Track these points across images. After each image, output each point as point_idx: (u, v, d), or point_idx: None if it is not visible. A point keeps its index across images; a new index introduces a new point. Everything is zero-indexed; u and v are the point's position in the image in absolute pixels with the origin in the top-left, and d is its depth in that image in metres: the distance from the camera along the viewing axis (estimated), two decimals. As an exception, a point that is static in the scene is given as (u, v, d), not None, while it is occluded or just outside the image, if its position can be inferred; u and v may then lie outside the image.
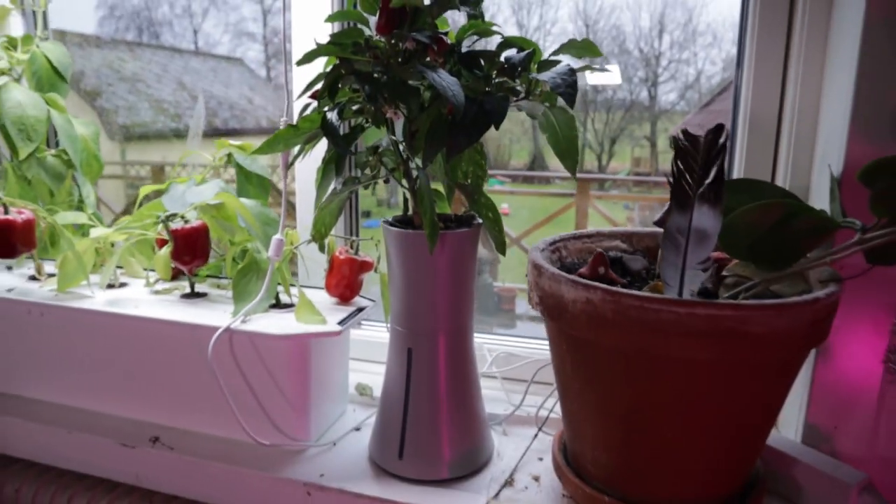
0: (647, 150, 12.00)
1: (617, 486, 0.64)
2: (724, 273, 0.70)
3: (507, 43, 0.67)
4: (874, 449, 0.70)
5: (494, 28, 0.66)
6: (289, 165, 0.76)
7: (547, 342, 0.68)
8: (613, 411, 0.60)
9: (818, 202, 0.75)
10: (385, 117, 0.66)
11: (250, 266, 0.85)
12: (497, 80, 0.66)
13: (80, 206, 1.07)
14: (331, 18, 0.67)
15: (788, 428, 0.80)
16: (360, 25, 0.66)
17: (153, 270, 0.95)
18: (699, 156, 0.52)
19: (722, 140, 0.51)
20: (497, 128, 0.61)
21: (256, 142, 0.98)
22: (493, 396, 0.92)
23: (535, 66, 0.66)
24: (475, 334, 0.78)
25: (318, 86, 0.66)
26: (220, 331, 0.76)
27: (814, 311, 0.53)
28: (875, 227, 0.56)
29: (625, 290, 0.53)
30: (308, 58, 0.62)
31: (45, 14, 1.08)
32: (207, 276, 0.97)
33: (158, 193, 0.97)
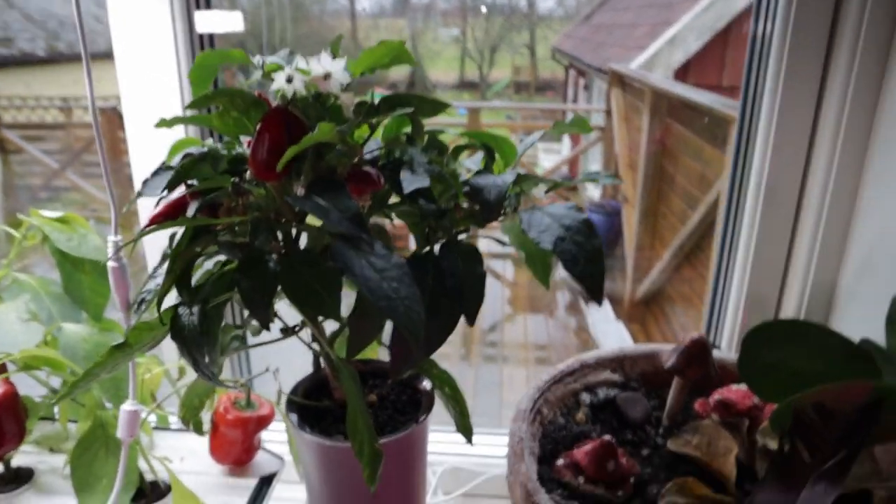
0: (526, 58, 11.91)
1: None
2: (760, 437, 0.53)
3: (460, 148, 0.42)
4: None
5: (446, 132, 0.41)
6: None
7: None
8: None
9: (851, 309, 0.59)
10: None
11: (94, 434, 0.58)
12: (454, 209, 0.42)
13: None
14: (164, 124, 0.39)
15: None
16: (222, 144, 0.39)
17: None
18: (831, 433, 0.32)
19: (872, 420, 0.31)
20: (472, 323, 0.38)
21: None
22: (444, 532, 0.73)
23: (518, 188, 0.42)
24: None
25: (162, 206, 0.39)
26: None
27: None
28: None
29: None
30: (142, 234, 0.35)
31: None
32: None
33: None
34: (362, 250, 0.34)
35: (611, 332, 2.97)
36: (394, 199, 0.43)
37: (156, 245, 0.71)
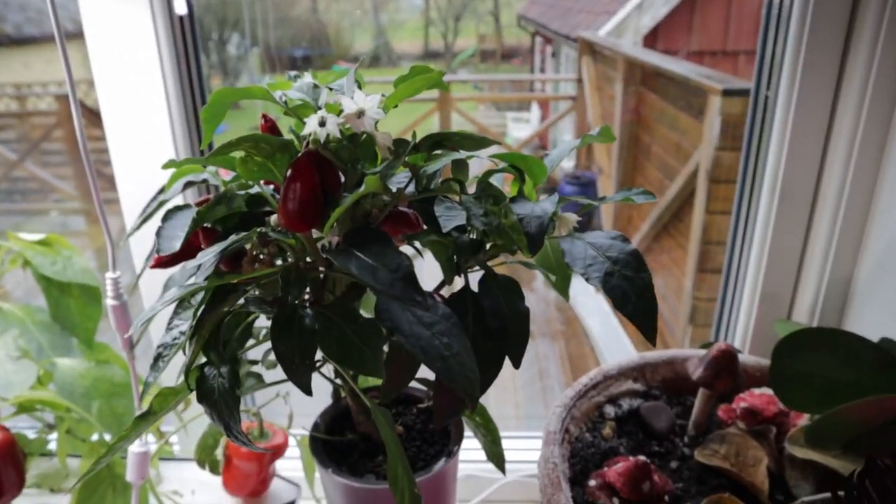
0: (491, 25, 11.79)
1: None
2: (788, 446, 0.52)
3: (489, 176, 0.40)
4: None
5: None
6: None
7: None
8: None
9: (868, 307, 0.58)
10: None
11: (100, 475, 0.55)
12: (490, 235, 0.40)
13: None
14: (173, 165, 0.36)
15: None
16: (236, 184, 0.36)
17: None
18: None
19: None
20: (517, 365, 0.36)
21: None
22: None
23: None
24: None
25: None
26: None
27: None
28: None
29: None
30: (140, 274, 0.32)
31: None
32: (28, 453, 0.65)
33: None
34: (403, 304, 0.32)
35: (591, 305, 2.99)
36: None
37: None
